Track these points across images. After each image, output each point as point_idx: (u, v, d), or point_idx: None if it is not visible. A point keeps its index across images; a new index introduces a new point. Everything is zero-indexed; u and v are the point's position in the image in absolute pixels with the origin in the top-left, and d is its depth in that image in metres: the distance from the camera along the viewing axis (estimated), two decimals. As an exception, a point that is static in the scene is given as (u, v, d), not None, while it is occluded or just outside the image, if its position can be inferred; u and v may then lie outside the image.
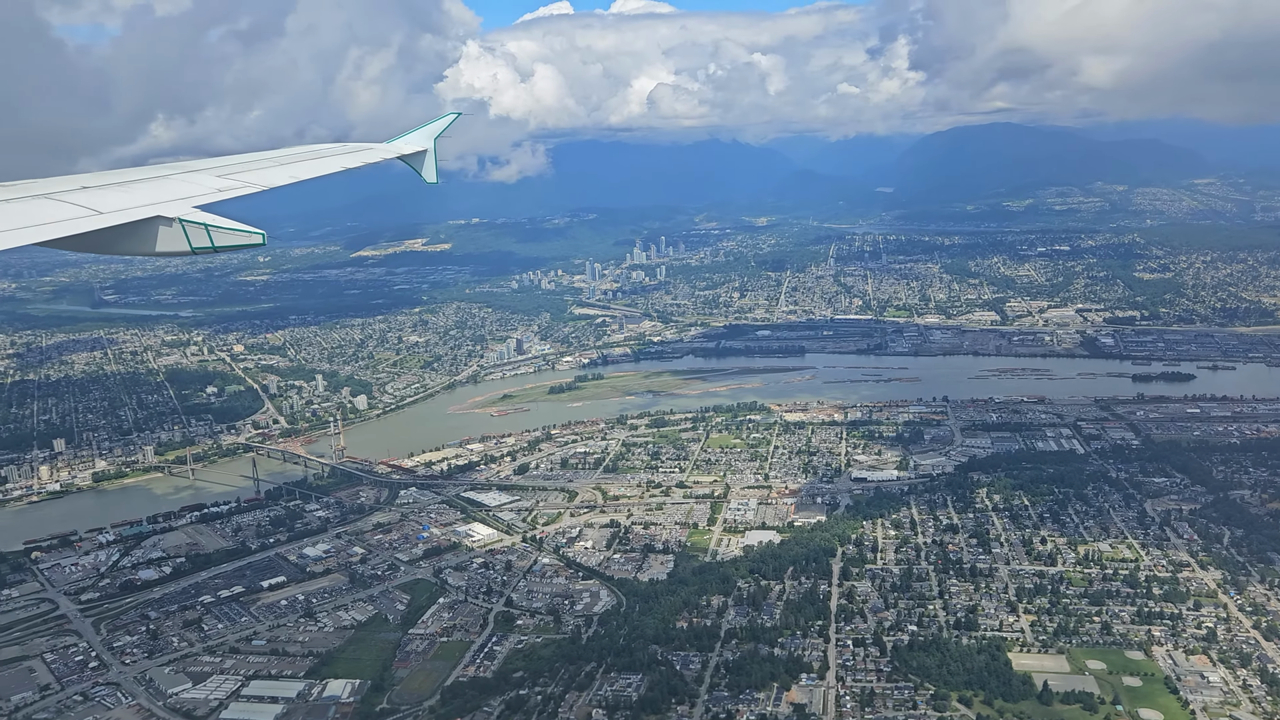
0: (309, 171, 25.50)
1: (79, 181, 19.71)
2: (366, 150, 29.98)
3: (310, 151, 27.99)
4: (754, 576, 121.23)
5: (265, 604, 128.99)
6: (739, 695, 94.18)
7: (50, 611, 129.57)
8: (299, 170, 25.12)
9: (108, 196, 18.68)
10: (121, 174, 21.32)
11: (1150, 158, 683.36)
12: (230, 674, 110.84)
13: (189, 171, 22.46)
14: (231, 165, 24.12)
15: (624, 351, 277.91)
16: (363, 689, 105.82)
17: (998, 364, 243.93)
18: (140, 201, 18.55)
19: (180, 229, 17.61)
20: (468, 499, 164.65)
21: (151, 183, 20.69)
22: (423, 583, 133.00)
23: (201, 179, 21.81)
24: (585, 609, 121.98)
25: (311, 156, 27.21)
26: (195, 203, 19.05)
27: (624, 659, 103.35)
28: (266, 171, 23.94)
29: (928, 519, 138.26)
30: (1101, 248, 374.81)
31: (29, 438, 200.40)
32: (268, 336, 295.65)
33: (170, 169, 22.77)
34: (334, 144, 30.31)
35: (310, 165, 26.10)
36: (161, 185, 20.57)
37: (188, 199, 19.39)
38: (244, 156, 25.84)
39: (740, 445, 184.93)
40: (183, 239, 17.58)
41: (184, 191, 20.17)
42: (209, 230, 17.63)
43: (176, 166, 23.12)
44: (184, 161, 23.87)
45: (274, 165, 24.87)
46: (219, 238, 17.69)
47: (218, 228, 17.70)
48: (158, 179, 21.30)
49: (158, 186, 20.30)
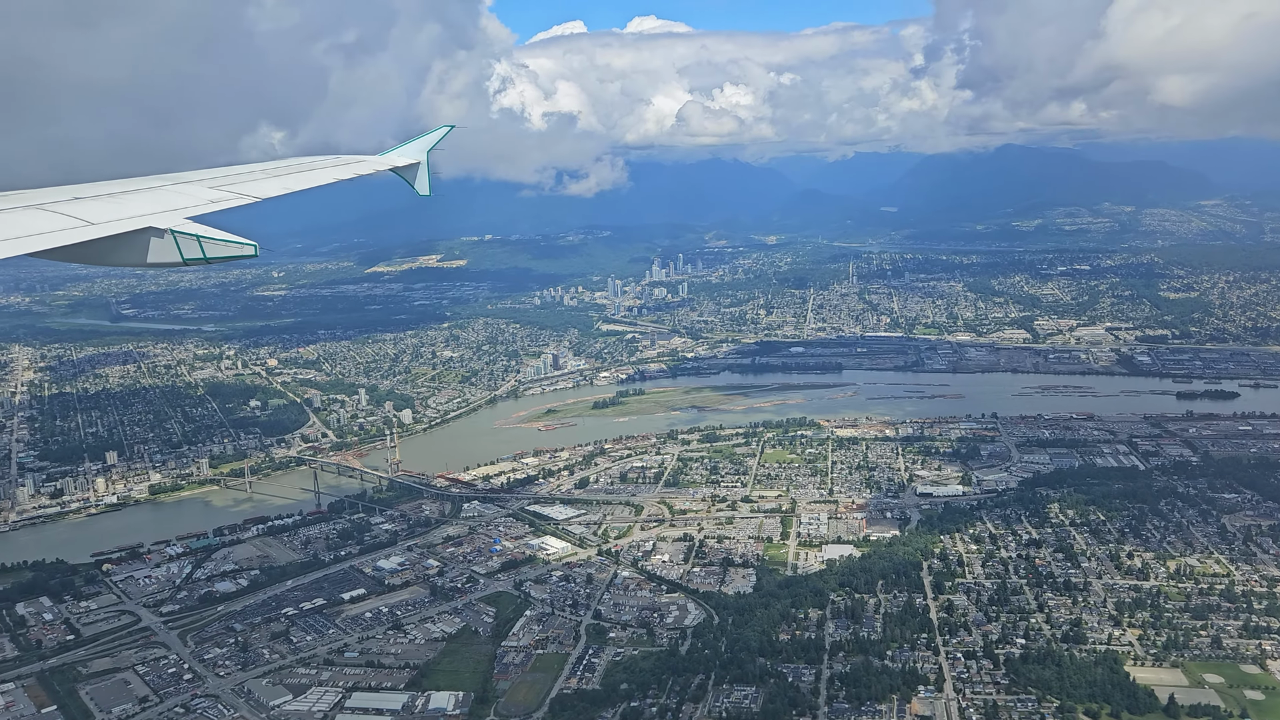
0: (301, 183, 25.38)
1: (70, 192, 19.55)
2: (359, 162, 29.98)
3: (303, 163, 27.99)
4: (845, 590, 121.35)
5: (349, 616, 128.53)
6: (860, 707, 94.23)
7: (133, 624, 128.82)
8: (291, 182, 25.00)
9: (99, 207, 18.62)
10: (113, 185, 21.27)
11: (1155, 179, 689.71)
12: (329, 686, 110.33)
13: (181, 183, 22.45)
14: (224, 176, 24.13)
15: (659, 367, 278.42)
16: (467, 701, 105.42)
17: (1037, 381, 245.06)
18: (132, 213, 18.43)
19: (172, 240, 17.39)
20: (533, 513, 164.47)
21: (143, 194, 20.58)
22: (505, 595, 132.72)
23: (193, 190, 21.70)
24: (675, 622, 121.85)
25: (304, 168, 27.20)
26: (187, 214, 18.91)
27: (732, 671, 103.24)
28: (259, 183, 23.92)
29: (1005, 533, 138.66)
30: (1121, 267, 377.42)
31: (79, 450, 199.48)
32: (300, 351, 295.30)
33: (162, 180, 22.64)
34: (326, 156, 30.24)
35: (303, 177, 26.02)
36: (153, 196, 20.50)
37: (179, 210, 19.23)
38: (236, 168, 25.92)
39: (797, 460, 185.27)
40: (174, 250, 17.36)
41: (176, 203, 20.04)
42: (201, 241, 17.42)
43: (168, 177, 23.01)
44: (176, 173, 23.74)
45: (266, 177, 24.84)
46: (211, 249, 17.49)
47: (210, 239, 17.51)
48: (149, 190, 21.19)
49: (149, 197, 20.19)
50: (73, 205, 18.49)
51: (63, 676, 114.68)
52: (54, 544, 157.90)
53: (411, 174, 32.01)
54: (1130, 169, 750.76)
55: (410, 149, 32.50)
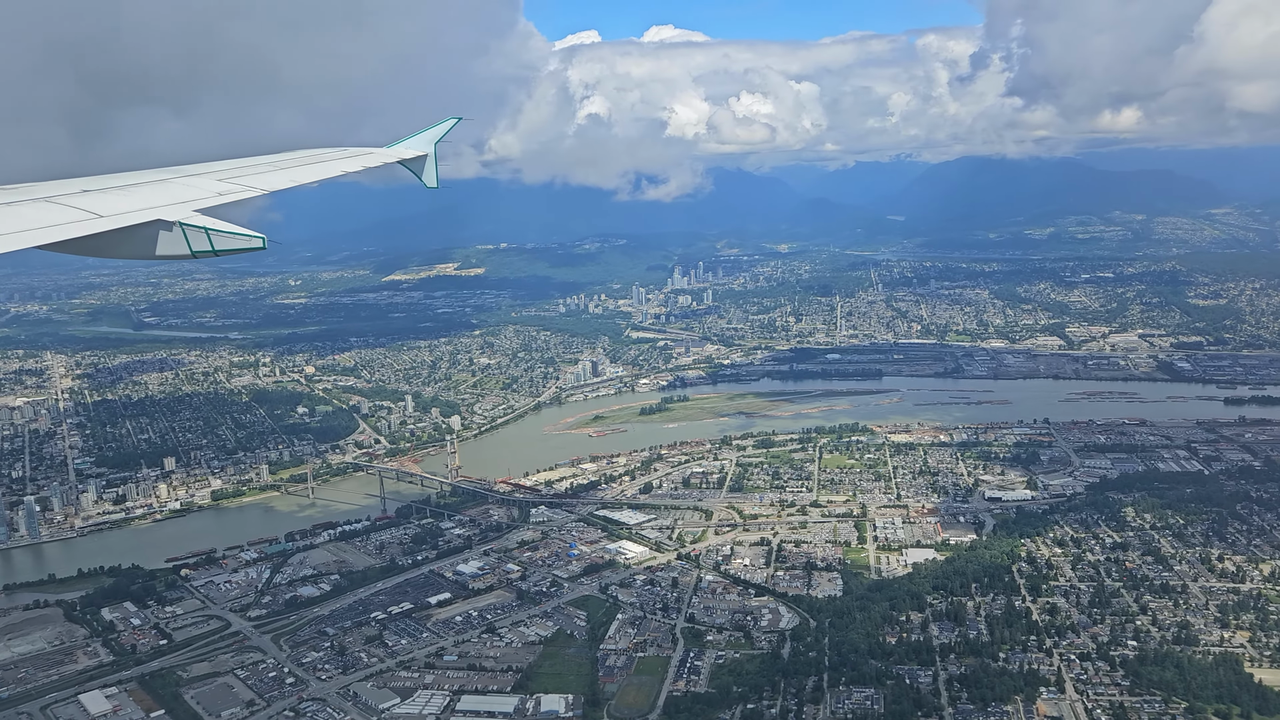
0: (310, 175, 25.35)
1: (79, 185, 19.66)
2: (366, 155, 29.79)
3: (311, 155, 27.86)
4: (940, 593, 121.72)
5: (440, 620, 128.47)
6: (985, 708, 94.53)
7: (223, 628, 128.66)
8: (299, 174, 24.93)
9: (108, 200, 18.62)
10: (121, 177, 21.29)
11: (1164, 188, 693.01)
12: (435, 689, 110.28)
13: (189, 175, 22.49)
14: (232, 169, 24.10)
15: (698, 374, 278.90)
16: (578, 704, 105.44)
17: (1080, 387, 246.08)
18: (140, 205, 18.38)
19: (180, 232, 17.41)
20: (603, 517, 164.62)
21: (152, 186, 20.65)
22: (593, 599, 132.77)
23: (202, 183, 21.69)
24: (770, 625, 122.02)
25: (312, 161, 27.10)
26: (195, 206, 18.93)
27: (845, 673, 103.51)
28: (267, 175, 23.90)
29: (1087, 537, 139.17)
30: (1144, 275, 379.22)
31: (135, 456, 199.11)
32: (336, 358, 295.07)
33: (170, 173, 22.72)
34: (334, 148, 30.00)
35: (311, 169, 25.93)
36: (162, 189, 20.51)
37: (188, 202, 19.23)
38: (244, 160, 25.77)
39: (857, 466, 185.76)
40: (183, 242, 17.38)
41: (184, 195, 20.02)
42: (209, 234, 17.38)
43: (177, 170, 23.07)
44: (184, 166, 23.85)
45: (274, 170, 24.77)
46: (219, 241, 17.43)
47: (218, 231, 17.45)
48: (158, 183, 21.23)
49: (158, 190, 20.24)
50: (82, 198, 18.51)
51: (163, 681, 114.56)
52: (125, 549, 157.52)
53: (419, 166, 31.73)
54: (1137, 178, 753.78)
55: (417, 141, 32.20)
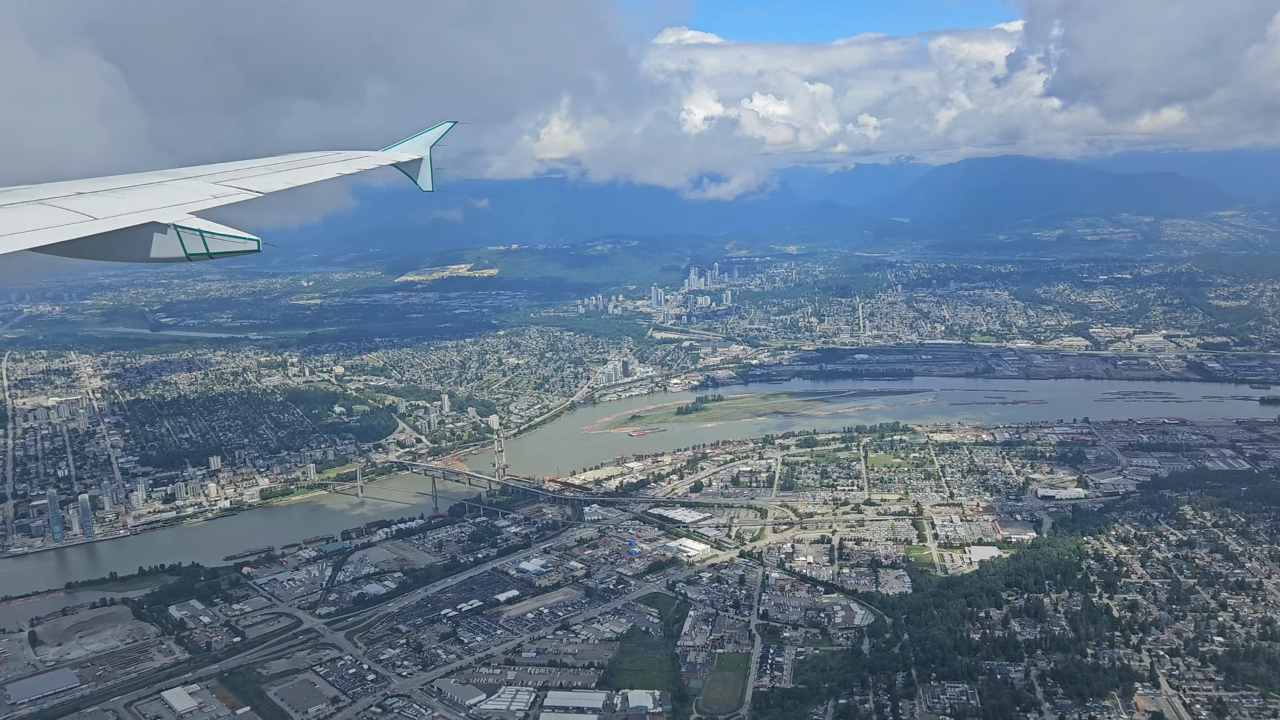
0: (305, 178, 25.25)
1: (74, 187, 19.56)
2: (362, 157, 29.79)
3: (305, 159, 27.92)
4: (1014, 590, 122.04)
5: (511, 617, 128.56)
6: (1084, 704, 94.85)
7: (294, 626, 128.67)
8: (294, 177, 24.86)
9: (103, 202, 18.51)
10: (117, 180, 21.19)
11: (1169, 190, 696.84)
12: (519, 685, 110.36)
13: (184, 179, 22.42)
14: (227, 172, 24.12)
15: (729, 374, 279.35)
16: (666, 699, 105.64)
17: (1113, 388, 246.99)
18: (136, 207, 18.30)
19: (175, 235, 17.29)
20: (658, 516, 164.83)
21: (147, 189, 20.52)
22: (662, 596, 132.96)
23: (197, 185, 21.66)
24: (845, 621, 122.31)
25: (307, 164, 27.12)
26: (191, 209, 18.86)
27: (935, 669, 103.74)
28: (263, 178, 23.83)
29: (1150, 534, 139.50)
30: (1163, 276, 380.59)
31: (177, 455, 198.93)
32: (364, 358, 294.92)
33: (165, 175, 22.67)
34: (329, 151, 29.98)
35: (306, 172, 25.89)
36: (157, 191, 20.38)
37: (183, 205, 19.18)
38: (240, 163, 25.86)
39: (904, 464, 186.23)
40: (178, 245, 17.26)
41: (179, 198, 19.92)
42: (204, 236, 17.26)
43: (172, 173, 23.04)
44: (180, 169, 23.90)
45: (270, 172, 24.73)
46: (214, 244, 17.31)
47: (213, 234, 17.33)
48: (153, 185, 21.11)
49: (153, 193, 20.11)
50: (76, 200, 18.44)
51: (243, 678, 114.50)
52: (181, 548, 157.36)
53: (414, 170, 31.89)
54: (1142, 180, 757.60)
55: (413, 144, 32.43)
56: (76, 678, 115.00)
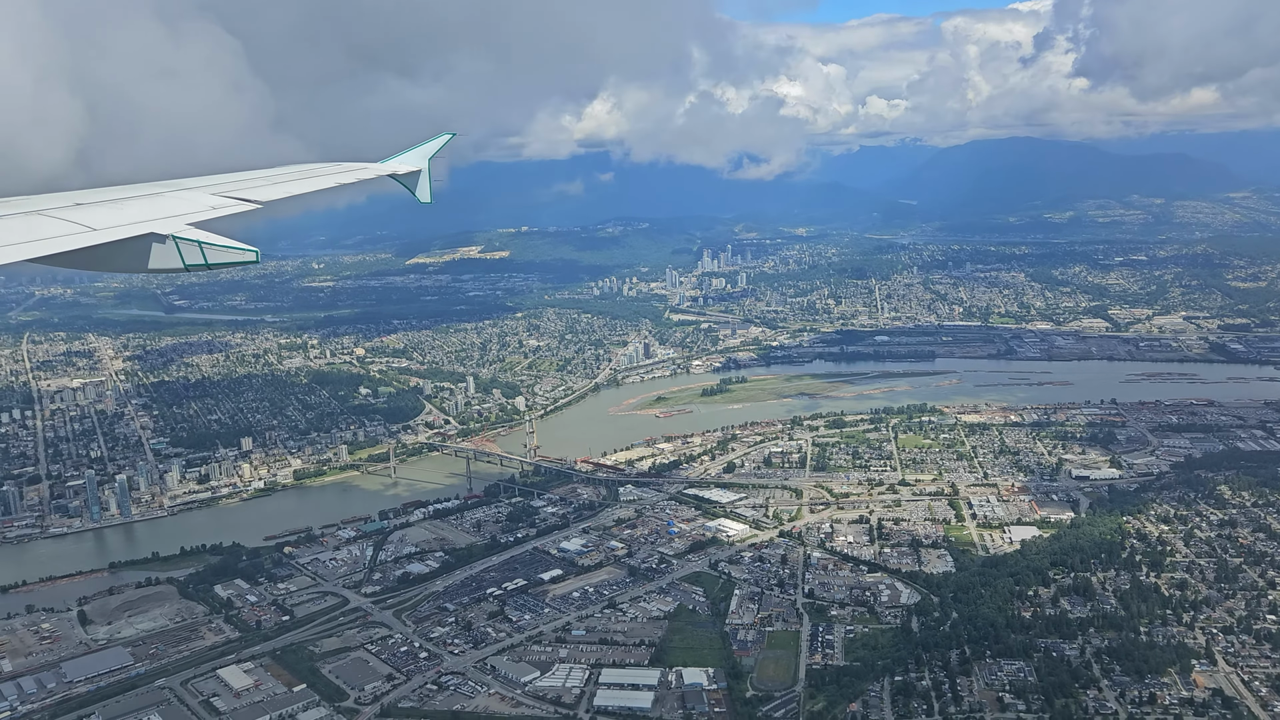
0: (304, 188, 25.75)
1: (72, 198, 19.62)
2: (360, 169, 30.06)
3: (304, 170, 28.28)
4: (1060, 569, 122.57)
5: (557, 595, 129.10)
6: (1143, 680, 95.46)
7: (341, 604, 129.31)
8: (294, 187, 25.29)
9: (101, 213, 18.57)
10: (115, 191, 21.30)
11: (1179, 172, 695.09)
12: (572, 662, 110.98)
13: (183, 189, 22.53)
14: (226, 183, 24.21)
15: (750, 356, 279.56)
16: (720, 676, 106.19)
17: (1136, 369, 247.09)
18: (134, 218, 18.35)
19: (174, 246, 17.32)
20: (694, 496, 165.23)
21: (145, 200, 20.59)
22: (705, 576, 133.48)
23: (195, 196, 21.66)
24: (891, 600, 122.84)
25: (307, 175, 27.50)
26: (189, 220, 18.81)
27: (990, 646, 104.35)
28: (262, 188, 23.99)
29: (1190, 514, 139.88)
30: (1178, 258, 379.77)
31: (207, 437, 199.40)
32: (384, 340, 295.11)
33: (164, 186, 22.71)
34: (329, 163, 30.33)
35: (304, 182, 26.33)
36: (155, 202, 20.42)
37: (182, 216, 19.19)
38: (238, 174, 26.15)
39: (935, 445, 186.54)
40: (176, 256, 17.29)
41: (178, 208, 19.95)
42: (203, 247, 17.27)
43: (171, 184, 23.06)
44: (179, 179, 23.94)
45: (268, 183, 25.01)
46: (213, 255, 17.29)
47: (212, 245, 17.33)
48: (151, 196, 21.19)
49: (151, 204, 20.19)
50: (75, 211, 18.54)
51: (295, 656, 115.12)
52: (219, 528, 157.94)
53: (413, 181, 32.05)
54: (1151, 162, 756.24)
55: (412, 156, 32.40)
56: (130, 656, 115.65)
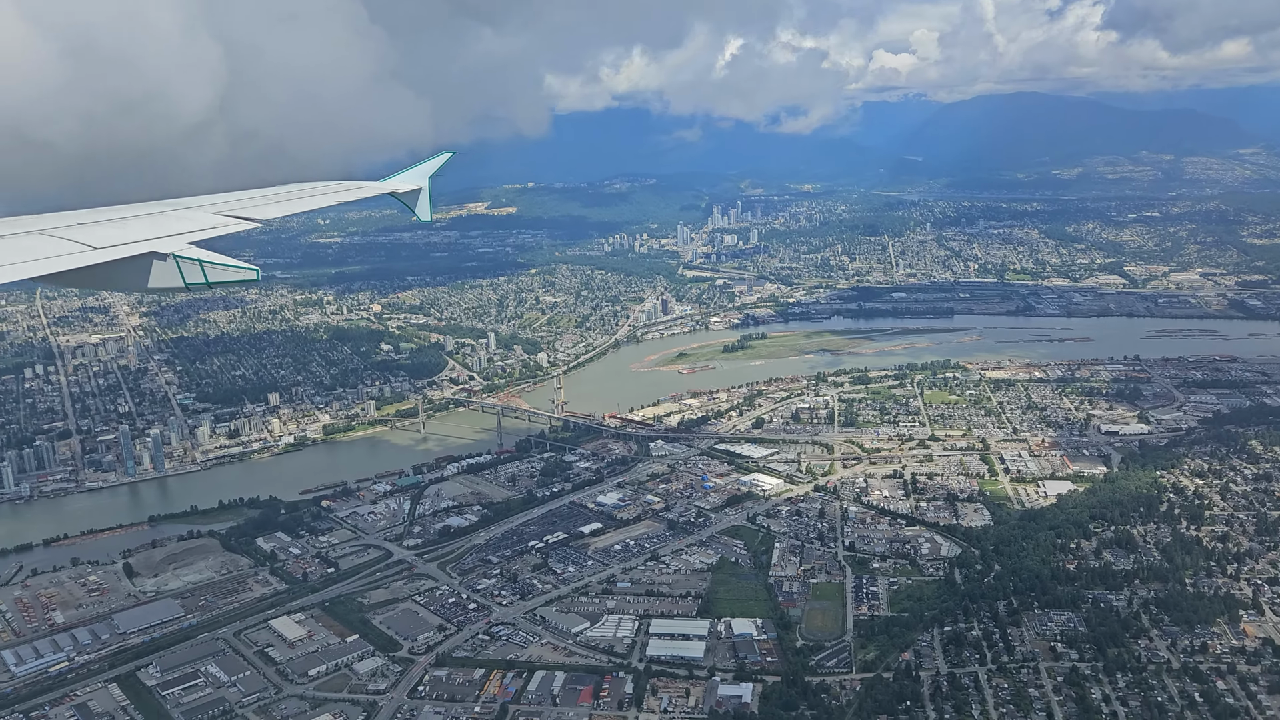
0: (304, 206, 26.17)
1: (74, 218, 19.80)
2: (361, 187, 30.67)
3: (307, 189, 28.59)
4: (1100, 522, 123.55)
5: (598, 549, 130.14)
6: (1193, 630, 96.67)
7: (385, 557, 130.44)
8: (294, 205, 25.72)
9: (103, 232, 18.73)
10: (117, 210, 21.44)
11: (1189, 128, 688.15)
12: (619, 614, 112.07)
13: (185, 209, 22.71)
14: (228, 201, 24.50)
15: (768, 312, 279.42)
16: (769, 627, 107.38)
17: (1157, 325, 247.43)
18: (135, 237, 18.46)
19: (175, 265, 17.43)
20: (725, 451, 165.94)
21: (147, 219, 20.74)
22: (744, 529, 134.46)
23: (197, 215, 21.94)
24: (932, 553, 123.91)
25: (308, 194, 27.80)
26: (190, 239, 19.02)
27: (1037, 597, 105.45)
28: (263, 207, 24.31)
29: (1223, 468, 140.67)
30: (1192, 214, 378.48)
31: (233, 392, 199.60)
32: (399, 296, 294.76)
33: (166, 205, 22.94)
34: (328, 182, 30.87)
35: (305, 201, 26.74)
36: (157, 221, 20.59)
37: (182, 235, 19.41)
38: (240, 193, 26.37)
39: (961, 401, 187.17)
40: (177, 275, 17.41)
41: (179, 227, 20.16)
42: (203, 266, 17.38)
43: (173, 203, 23.28)
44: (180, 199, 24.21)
45: (270, 202, 25.32)
46: (214, 274, 17.45)
47: (212, 264, 17.42)
48: (153, 215, 21.40)
49: (153, 223, 20.32)
50: (76, 230, 18.64)
51: (345, 607, 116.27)
52: (253, 482, 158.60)
53: (413, 199, 32.56)
54: (1160, 117, 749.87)
55: (412, 175, 33.02)
56: (180, 607, 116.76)
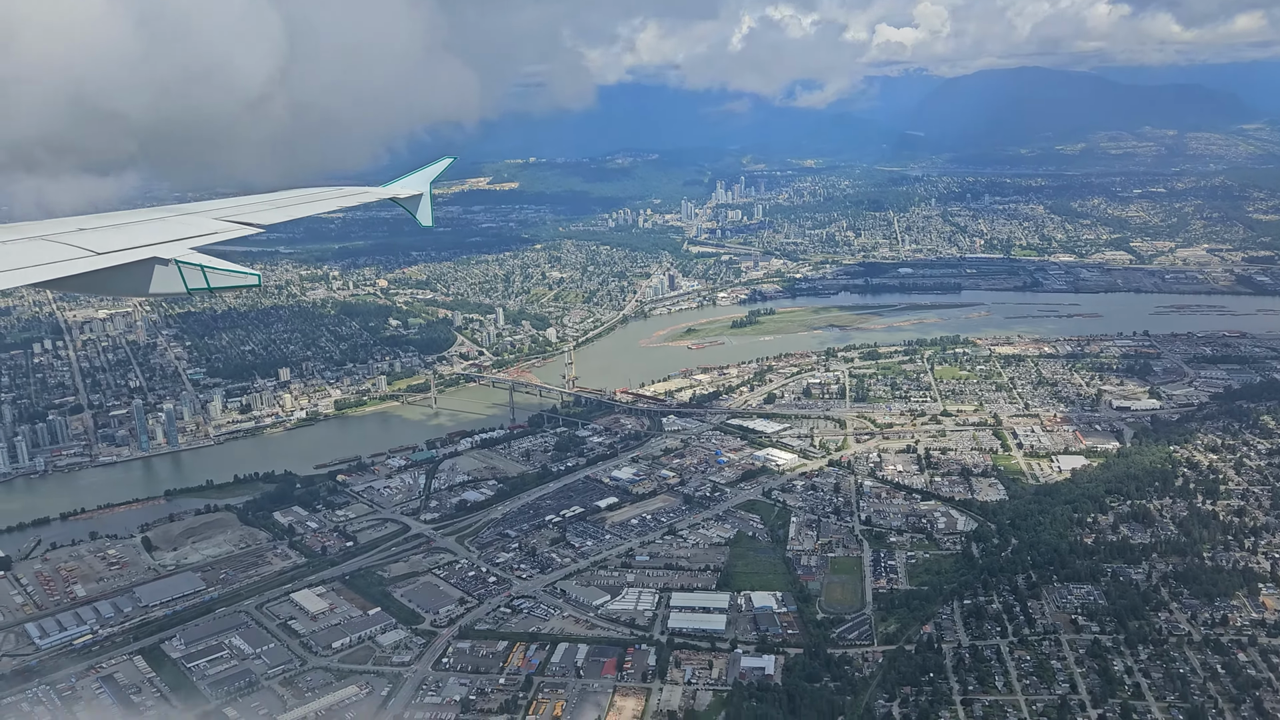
0: (305, 211, 26.24)
1: (76, 223, 19.85)
2: (362, 192, 30.72)
3: (308, 195, 28.60)
4: (1116, 496, 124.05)
5: (616, 523, 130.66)
6: (1213, 602, 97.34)
7: (402, 531, 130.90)
8: (295, 211, 25.75)
9: (105, 238, 18.77)
10: (118, 216, 21.59)
11: (1193, 103, 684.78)
12: (639, 586, 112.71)
13: (186, 214, 22.77)
14: (229, 207, 24.55)
15: (775, 288, 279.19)
16: (789, 600, 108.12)
17: (1164, 301, 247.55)
18: (137, 242, 18.53)
19: (176, 270, 17.45)
20: (738, 426, 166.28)
21: (148, 224, 20.83)
22: (760, 504, 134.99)
23: (198, 221, 21.92)
24: (948, 527, 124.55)
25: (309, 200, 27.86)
26: (192, 244, 19.09)
27: (1056, 571, 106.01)
28: (264, 213, 24.33)
29: (1236, 444, 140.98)
30: (1197, 190, 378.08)
31: (243, 368, 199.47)
32: (405, 271, 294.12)
33: (167, 211, 22.96)
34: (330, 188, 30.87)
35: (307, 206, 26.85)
36: (158, 227, 20.62)
37: (184, 240, 19.46)
38: (242, 199, 26.42)
39: (972, 376, 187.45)
40: (179, 280, 17.44)
41: (180, 233, 20.14)
42: (205, 271, 17.45)
43: (175, 209, 23.30)
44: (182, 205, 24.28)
45: (272, 208, 25.37)
46: (215, 279, 17.59)
47: (214, 269, 17.52)
48: (154, 221, 21.41)
49: (154, 228, 20.39)
50: (78, 236, 18.68)
51: (365, 580, 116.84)
52: (266, 456, 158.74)
53: (414, 205, 32.57)
54: (1163, 92, 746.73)
55: (413, 181, 32.98)
56: (201, 580, 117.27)
